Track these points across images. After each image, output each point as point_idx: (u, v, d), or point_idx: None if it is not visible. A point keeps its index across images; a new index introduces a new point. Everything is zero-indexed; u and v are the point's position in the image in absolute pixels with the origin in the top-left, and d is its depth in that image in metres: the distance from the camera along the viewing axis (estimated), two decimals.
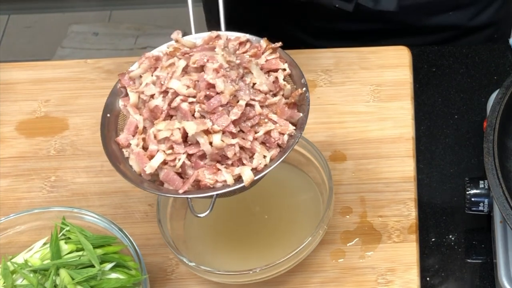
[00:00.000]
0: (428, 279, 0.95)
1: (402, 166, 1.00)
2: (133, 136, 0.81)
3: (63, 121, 1.07)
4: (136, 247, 0.86)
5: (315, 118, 1.04)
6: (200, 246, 0.92)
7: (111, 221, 0.88)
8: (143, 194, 0.99)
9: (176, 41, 0.84)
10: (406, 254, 0.93)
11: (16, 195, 1.00)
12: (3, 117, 1.07)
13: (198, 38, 0.85)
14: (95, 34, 2.47)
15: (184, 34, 0.86)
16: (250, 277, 0.86)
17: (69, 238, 0.87)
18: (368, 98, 1.06)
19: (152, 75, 0.81)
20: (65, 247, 0.85)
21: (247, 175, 0.77)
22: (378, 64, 1.09)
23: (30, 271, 0.83)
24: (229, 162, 0.78)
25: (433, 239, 0.98)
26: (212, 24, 1.29)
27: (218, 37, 0.84)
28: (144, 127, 0.80)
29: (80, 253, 0.85)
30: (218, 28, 0.86)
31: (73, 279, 0.82)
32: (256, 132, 0.79)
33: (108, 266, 0.85)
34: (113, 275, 0.85)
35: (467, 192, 0.93)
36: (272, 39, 0.86)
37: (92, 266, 0.83)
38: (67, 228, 0.87)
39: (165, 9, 2.52)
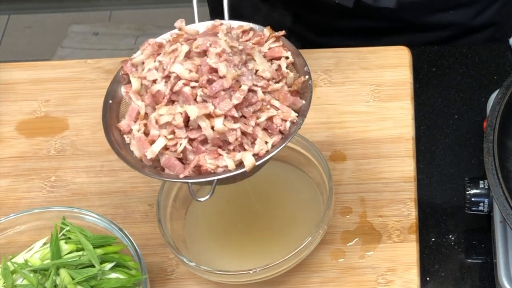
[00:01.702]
0: (428, 279, 0.95)
1: (402, 166, 1.00)
2: (135, 122, 0.80)
3: (63, 121, 1.07)
4: (136, 247, 0.86)
5: (315, 118, 1.04)
6: (200, 246, 0.92)
7: (111, 221, 0.88)
8: (143, 194, 0.99)
9: (180, 29, 0.84)
10: (406, 254, 0.93)
11: (16, 195, 1.00)
12: (3, 117, 1.07)
13: (201, 26, 0.85)
14: (95, 34, 2.47)
15: None
16: (250, 277, 0.86)
17: (69, 238, 0.87)
18: (368, 98, 1.06)
19: (154, 61, 0.81)
20: (65, 247, 0.85)
21: (249, 160, 0.77)
22: (378, 64, 1.09)
23: (30, 271, 0.83)
24: (231, 147, 0.78)
25: (433, 239, 0.98)
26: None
27: (221, 25, 0.84)
28: (146, 113, 0.80)
29: (80, 253, 0.85)
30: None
31: (73, 279, 0.82)
32: (258, 118, 0.79)
33: (108, 266, 0.85)
34: (113, 275, 0.85)
35: (467, 192, 0.93)
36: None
37: (92, 266, 0.83)
38: (67, 228, 0.87)
39: (165, 9, 2.52)
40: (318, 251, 0.93)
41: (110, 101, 0.83)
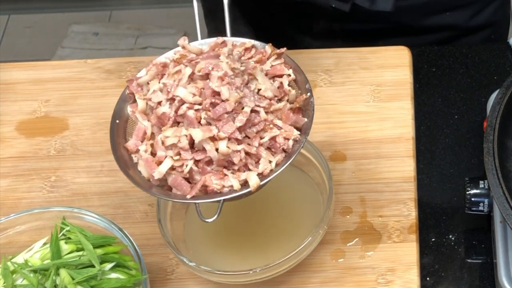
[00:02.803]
0: (428, 279, 0.95)
1: (402, 166, 1.00)
2: (142, 142, 0.82)
3: (63, 121, 1.07)
4: (136, 247, 0.86)
5: (315, 118, 1.03)
6: (200, 246, 0.92)
7: (111, 221, 0.88)
8: (143, 194, 0.99)
9: (183, 47, 0.85)
10: (406, 254, 0.93)
11: (16, 195, 1.00)
12: (3, 117, 1.07)
13: (204, 44, 0.86)
14: (95, 34, 2.47)
15: (185, 35, 0.86)
16: (250, 277, 0.86)
17: (69, 238, 0.87)
18: (368, 98, 1.06)
19: (159, 82, 0.82)
20: (65, 247, 0.85)
21: (253, 180, 0.78)
22: (378, 64, 1.09)
23: (30, 271, 0.83)
24: (236, 167, 0.79)
25: (433, 239, 0.98)
26: (210, 22, 1.29)
27: (224, 43, 0.85)
28: (152, 133, 0.81)
29: (80, 253, 0.85)
30: (217, 28, 0.87)
31: (73, 279, 0.82)
32: (261, 138, 0.80)
33: (108, 266, 0.85)
34: (113, 275, 0.85)
35: (467, 192, 0.93)
36: (270, 40, 0.86)
37: (92, 266, 0.83)
38: (67, 228, 0.87)
39: (165, 9, 2.52)
40: (318, 251, 0.93)
41: (117, 121, 0.84)
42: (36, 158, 1.03)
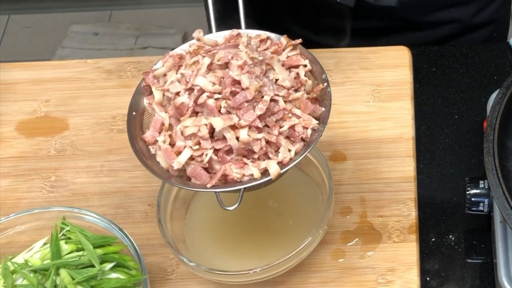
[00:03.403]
0: (428, 279, 0.95)
1: (402, 166, 1.00)
2: (159, 133, 0.82)
3: (63, 121, 1.07)
4: (136, 247, 0.86)
5: None
6: (200, 246, 0.92)
7: (111, 221, 0.88)
8: (143, 194, 0.99)
9: (198, 39, 0.85)
10: (406, 254, 0.93)
11: (16, 195, 1.00)
12: (3, 117, 1.07)
13: (219, 36, 0.86)
14: (95, 34, 2.47)
15: (185, 35, 0.86)
16: (250, 277, 0.86)
17: (69, 238, 0.87)
18: (368, 98, 1.06)
19: (176, 73, 0.82)
20: (65, 247, 0.85)
21: (274, 169, 0.78)
22: (378, 64, 1.09)
23: (30, 271, 0.83)
24: (255, 156, 0.79)
25: (433, 239, 0.98)
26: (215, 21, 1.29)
27: (238, 35, 0.85)
28: (170, 124, 0.81)
29: (80, 253, 0.85)
30: (221, 26, 0.87)
31: (73, 279, 0.82)
32: (281, 127, 0.80)
33: (108, 266, 0.85)
34: (113, 275, 0.85)
35: (467, 192, 0.93)
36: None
37: (92, 266, 0.83)
38: (67, 228, 0.87)
39: (165, 9, 2.52)
40: (318, 251, 0.93)
41: (134, 113, 0.84)
42: (36, 158, 1.03)
